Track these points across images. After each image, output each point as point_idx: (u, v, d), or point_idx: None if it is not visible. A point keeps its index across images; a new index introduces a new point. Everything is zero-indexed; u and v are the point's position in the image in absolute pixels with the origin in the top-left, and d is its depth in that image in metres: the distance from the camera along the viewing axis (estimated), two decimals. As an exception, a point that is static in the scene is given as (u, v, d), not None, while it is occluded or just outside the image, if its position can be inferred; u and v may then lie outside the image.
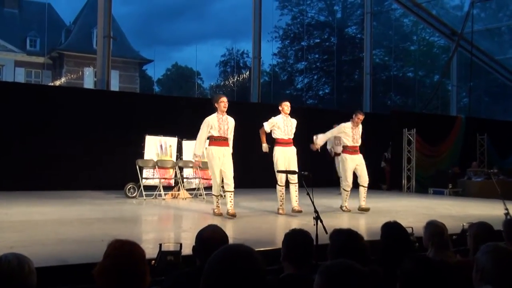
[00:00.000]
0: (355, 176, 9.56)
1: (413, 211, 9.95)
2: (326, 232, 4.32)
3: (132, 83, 37.81)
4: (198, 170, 11.59)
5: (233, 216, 7.95)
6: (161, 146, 11.80)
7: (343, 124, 9.46)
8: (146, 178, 11.35)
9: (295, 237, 3.08)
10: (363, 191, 9.44)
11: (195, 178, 11.74)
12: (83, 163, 11.90)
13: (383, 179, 16.67)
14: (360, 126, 9.51)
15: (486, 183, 15.04)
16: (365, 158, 13.69)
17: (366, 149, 15.84)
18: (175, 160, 11.71)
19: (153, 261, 4.25)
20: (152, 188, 11.32)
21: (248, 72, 27.70)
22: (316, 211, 5.01)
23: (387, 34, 28.46)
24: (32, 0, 37.55)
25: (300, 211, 8.36)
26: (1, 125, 11.30)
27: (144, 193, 10.94)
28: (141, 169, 11.21)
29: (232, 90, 31.46)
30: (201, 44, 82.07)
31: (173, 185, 11.68)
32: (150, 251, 4.32)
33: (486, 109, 26.85)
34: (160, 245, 4.40)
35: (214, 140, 8.22)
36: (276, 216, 8.56)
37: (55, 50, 36.15)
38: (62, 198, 9.30)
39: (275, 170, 8.69)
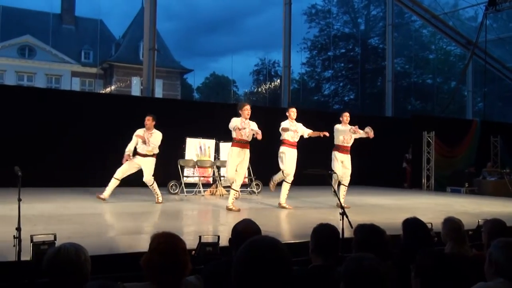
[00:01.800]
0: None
1: (432, 208, 9.79)
2: (351, 227, 4.29)
3: (174, 90, 38.11)
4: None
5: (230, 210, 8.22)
6: (200, 147, 11.88)
7: (335, 126, 9.36)
8: (187, 176, 11.43)
9: (323, 231, 3.05)
10: (343, 189, 9.30)
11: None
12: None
13: (405, 178, 16.49)
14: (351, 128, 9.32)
15: (499, 182, 14.76)
16: (387, 159, 13.48)
17: (388, 150, 15.76)
18: (213, 160, 11.77)
19: (194, 252, 4.28)
20: (192, 185, 11.40)
21: (279, 80, 27.63)
22: (342, 207, 4.98)
23: (407, 44, 28.09)
24: (86, 17, 38.20)
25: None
26: (62, 128, 11.54)
27: (185, 190, 11.02)
28: (182, 168, 11.30)
29: (264, 96, 31.45)
30: (236, 55, 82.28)
31: (211, 182, 11.74)
32: (191, 242, 4.34)
33: (499, 113, 26.23)
34: (200, 237, 4.42)
35: (235, 142, 8.42)
36: (304, 211, 8.54)
37: (106, 62, 36.70)
38: (113, 194, 9.43)
39: (285, 170, 8.78)
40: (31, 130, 11.32)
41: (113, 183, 8.88)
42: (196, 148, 11.85)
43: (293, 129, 8.82)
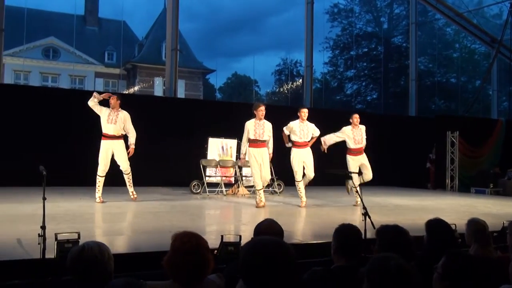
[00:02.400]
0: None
1: (456, 209, 9.67)
2: (374, 227, 4.26)
3: (197, 91, 38.29)
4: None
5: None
6: (222, 147, 11.92)
7: (344, 128, 9.42)
8: (209, 176, 11.48)
9: (345, 231, 3.04)
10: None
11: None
12: (154, 162, 12.13)
13: (428, 179, 16.31)
14: (362, 128, 9.47)
15: (526, 183, 14.51)
16: (411, 159, 13.23)
17: (412, 150, 15.61)
18: (235, 160, 11.80)
19: (216, 251, 4.29)
20: (215, 185, 11.45)
21: (301, 80, 27.57)
22: (364, 208, 4.94)
23: (431, 42, 27.76)
24: (110, 18, 38.61)
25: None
26: (87, 127, 11.66)
27: (207, 189, 11.08)
28: (204, 168, 11.36)
29: (286, 96, 31.41)
30: (258, 55, 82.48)
31: (233, 182, 11.77)
32: (213, 242, 4.35)
33: (525, 112, 25.78)
34: (222, 236, 4.43)
35: (251, 142, 8.74)
36: (326, 211, 8.51)
37: (129, 62, 37.04)
38: (136, 193, 9.50)
39: (293, 168, 9.03)
40: (56, 130, 11.49)
41: (100, 181, 8.81)
42: (218, 148, 11.89)
43: (296, 130, 9.02)
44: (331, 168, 9.10)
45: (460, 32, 26.24)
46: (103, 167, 8.84)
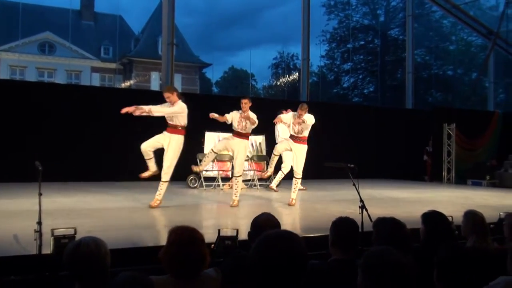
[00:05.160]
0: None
1: (453, 201, 9.68)
2: (371, 220, 4.26)
3: (193, 85, 38.22)
4: (252, 163, 11.67)
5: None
6: (219, 141, 11.88)
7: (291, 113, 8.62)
8: (206, 170, 11.44)
9: (342, 224, 3.04)
10: (294, 182, 8.46)
11: (250, 170, 11.78)
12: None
13: (425, 171, 16.34)
14: (307, 119, 8.16)
15: (522, 174, 14.55)
16: (407, 151, 13.04)
17: (409, 143, 15.62)
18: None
19: (213, 245, 4.28)
20: (211, 179, 11.43)
21: (297, 73, 27.56)
22: (361, 201, 4.94)
23: (428, 35, 27.77)
24: (106, 13, 38.46)
25: None
26: (83, 123, 11.65)
27: (204, 183, 11.07)
28: (201, 162, 11.32)
29: (283, 90, 31.40)
30: (254, 49, 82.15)
31: (230, 176, 11.74)
32: (210, 236, 4.35)
33: (521, 104, 25.80)
34: (219, 230, 4.43)
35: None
36: (324, 204, 8.51)
37: (126, 57, 36.92)
38: (133, 188, 9.50)
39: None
40: (52, 125, 11.44)
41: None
42: (215, 141, 11.85)
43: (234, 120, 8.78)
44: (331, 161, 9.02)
45: (456, 25, 26.21)
46: None
